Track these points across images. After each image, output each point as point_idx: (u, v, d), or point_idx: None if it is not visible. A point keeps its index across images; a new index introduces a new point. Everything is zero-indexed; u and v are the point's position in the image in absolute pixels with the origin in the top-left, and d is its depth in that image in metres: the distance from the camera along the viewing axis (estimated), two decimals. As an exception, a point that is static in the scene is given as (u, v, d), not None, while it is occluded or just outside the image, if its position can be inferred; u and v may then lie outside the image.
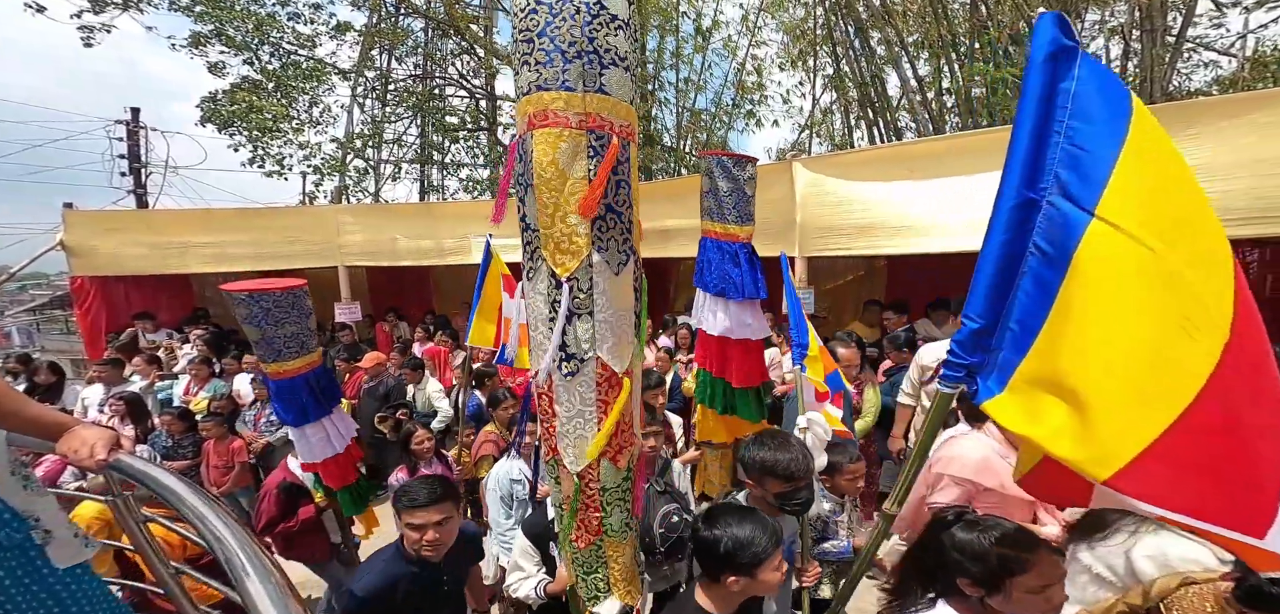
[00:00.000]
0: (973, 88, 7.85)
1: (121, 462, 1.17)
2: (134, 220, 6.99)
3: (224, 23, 9.48)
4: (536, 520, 1.85)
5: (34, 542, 1.11)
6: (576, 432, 1.14)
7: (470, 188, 12.62)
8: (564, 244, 1.04)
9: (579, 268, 1.05)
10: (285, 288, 2.26)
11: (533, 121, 0.98)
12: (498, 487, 2.44)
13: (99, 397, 4.10)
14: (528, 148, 1.00)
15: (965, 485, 1.82)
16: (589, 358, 1.10)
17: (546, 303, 1.09)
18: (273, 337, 2.23)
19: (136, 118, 10.77)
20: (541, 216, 1.03)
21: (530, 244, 1.08)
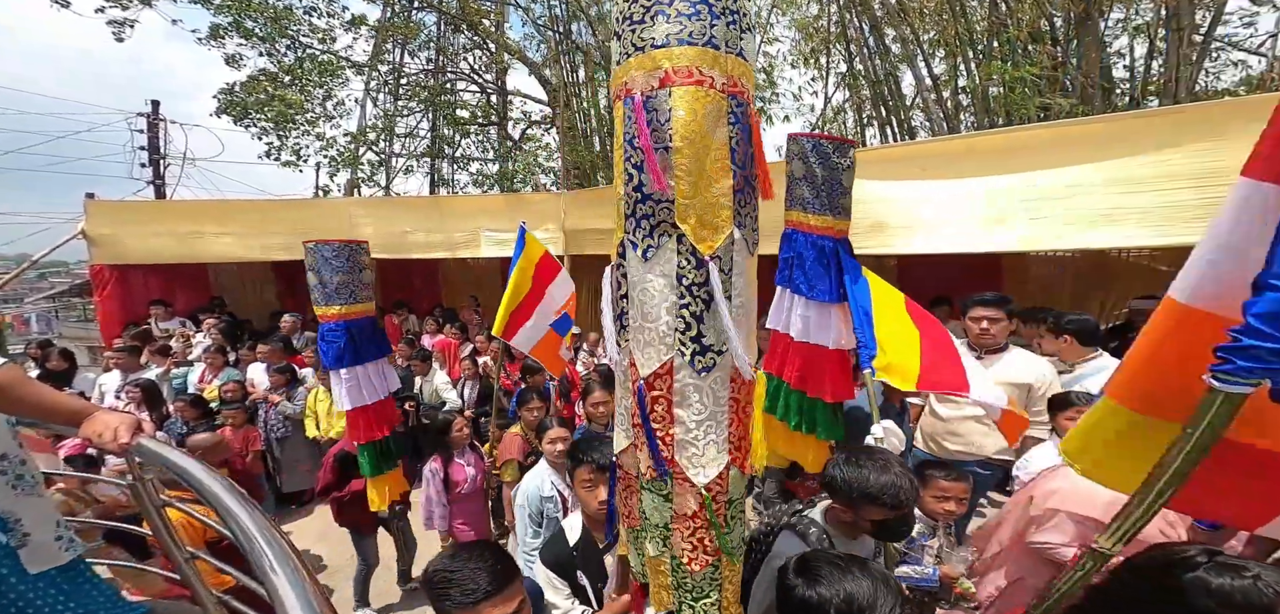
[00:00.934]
0: (990, 87, 7.69)
1: (144, 446, 1.18)
2: (152, 210, 7.14)
3: (242, 16, 9.63)
4: (558, 548, 1.66)
5: (3, 544, 1.10)
6: (707, 437, 0.98)
7: (480, 182, 12.69)
8: (708, 217, 0.92)
9: (722, 245, 0.93)
10: (343, 241, 2.59)
11: (672, 77, 0.88)
12: (527, 503, 2.30)
13: (116, 383, 4.20)
14: (661, 105, 0.88)
15: (1086, 524, 1.63)
16: (726, 350, 0.96)
17: (671, 285, 0.94)
18: (326, 281, 2.54)
19: (156, 111, 11.00)
20: (681, 184, 0.90)
21: (650, 217, 0.94)
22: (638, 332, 0.99)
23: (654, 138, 0.89)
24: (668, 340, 0.96)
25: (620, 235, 1.00)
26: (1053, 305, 4.85)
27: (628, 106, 0.92)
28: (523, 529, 2.33)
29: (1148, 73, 7.57)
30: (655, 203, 0.93)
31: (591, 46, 11.06)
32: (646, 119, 0.89)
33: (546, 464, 2.37)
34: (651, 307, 0.97)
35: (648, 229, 0.95)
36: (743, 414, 1.03)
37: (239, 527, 1.09)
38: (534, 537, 2.28)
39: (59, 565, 1.21)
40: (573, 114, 10.90)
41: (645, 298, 0.97)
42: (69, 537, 1.26)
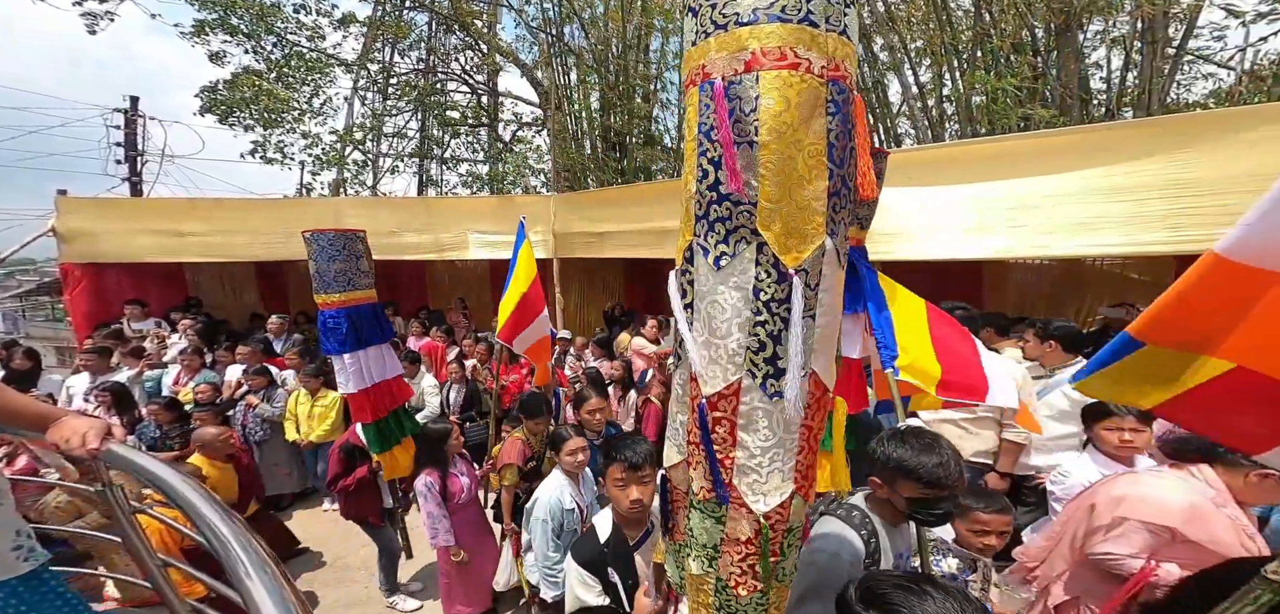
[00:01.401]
0: (973, 96, 7.85)
1: (113, 451, 1.14)
2: (128, 208, 6.93)
3: (227, 12, 9.43)
4: (589, 546, 1.66)
5: None
6: (772, 465, 0.89)
7: (470, 183, 12.58)
8: (796, 224, 0.79)
9: (810, 257, 0.80)
10: (340, 230, 2.69)
11: (759, 60, 0.74)
12: (549, 516, 2.23)
13: (85, 385, 4.06)
14: (745, 93, 0.75)
15: (1160, 534, 1.56)
16: (805, 373, 0.86)
17: (746, 299, 0.83)
18: (324, 270, 2.62)
19: (135, 106, 10.70)
20: (766, 185, 0.78)
21: (725, 220, 0.82)
22: (703, 346, 0.90)
23: (736, 130, 0.77)
24: (737, 359, 0.85)
25: (688, 238, 0.89)
26: (1031, 312, 4.96)
27: (704, 93, 0.79)
28: (544, 543, 2.24)
29: (1123, 84, 7.79)
30: (733, 205, 0.81)
31: (584, 49, 11.05)
32: (728, 109, 0.76)
33: (563, 475, 2.32)
34: (721, 321, 0.86)
35: (722, 234, 0.83)
36: (812, 442, 0.93)
37: (213, 533, 1.05)
38: (555, 549, 2.24)
39: (18, 575, 1.16)
40: (564, 117, 10.86)
41: (714, 311, 0.86)
42: (29, 546, 1.22)
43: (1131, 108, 7.40)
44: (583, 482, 2.43)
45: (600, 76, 10.81)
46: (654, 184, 9.18)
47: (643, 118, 10.86)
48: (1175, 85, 7.72)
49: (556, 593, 2.23)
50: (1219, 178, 2.69)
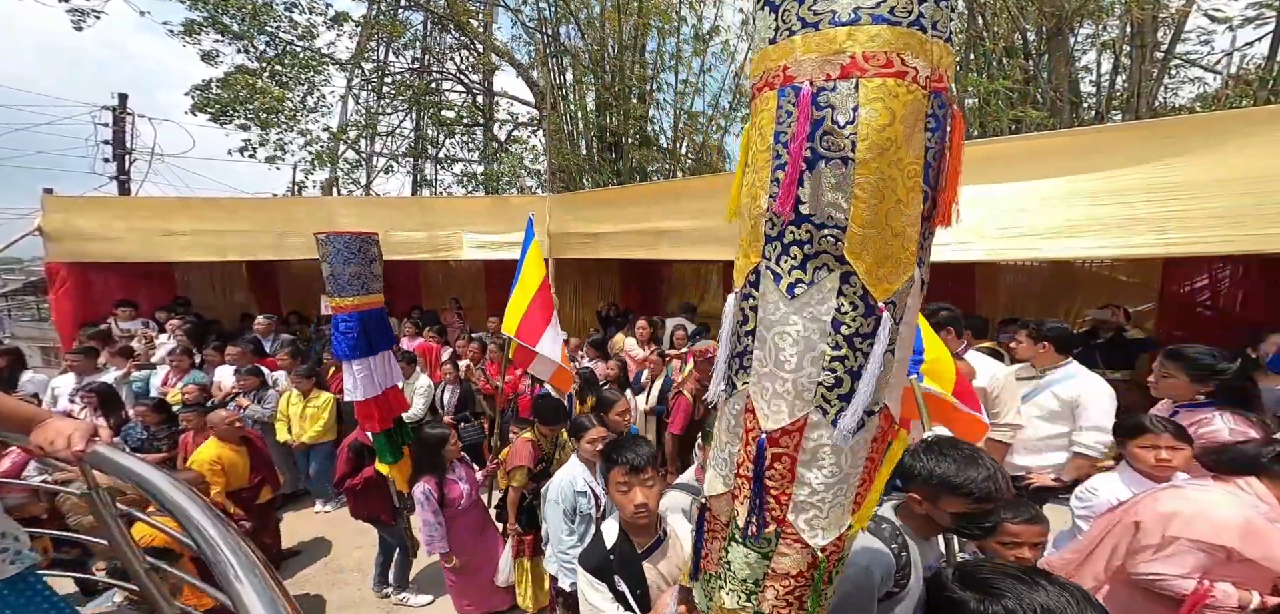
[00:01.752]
0: (966, 98, 7.93)
1: (99, 453, 1.12)
2: (116, 206, 6.83)
3: (219, 11, 9.33)
4: (596, 553, 1.61)
5: None
6: (834, 501, 0.85)
7: (464, 183, 12.53)
8: (890, 251, 0.72)
9: (901, 288, 0.74)
10: (356, 233, 2.62)
11: (861, 65, 0.65)
12: (561, 498, 2.26)
13: (70, 386, 3.99)
14: (841, 102, 0.66)
15: (1215, 553, 1.50)
16: (877, 412, 0.81)
17: (824, 332, 0.76)
18: (339, 273, 2.57)
19: (124, 104, 10.56)
20: (860, 207, 0.69)
21: (804, 243, 0.74)
22: (766, 378, 0.82)
23: (824, 145, 0.68)
24: (806, 395, 0.78)
25: (754, 261, 0.81)
26: (1022, 313, 5.01)
27: (783, 98, 0.71)
28: (557, 528, 2.27)
29: (1113, 87, 7.90)
30: (816, 228, 0.72)
31: (580, 49, 11.04)
32: (815, 120, 0.68)
33: (578, 460, 2.34)
34: (790, 354, 0.78)
35: (799, 259, 0.75)
36: (874, 474, 0.89)
37: (202, 535, 1.04)
38: (570, 534, 2.25)
39: (5, 578, 1.15)
40: (560, 117, 10.85)
41: (783, 343, 0.79)
42: (15, 549, 1.20)
43: (1121, 111, 7.50)
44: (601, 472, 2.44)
45: (596, 77, 10.81)
46: (650, 185, 9.19)
47: (639, 118, 10.87)
48: (1163, 89, 7.83)
49: (572, 578, 2.21)
50: (1207, 181, 2.73)
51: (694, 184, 6.60)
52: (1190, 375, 2.25)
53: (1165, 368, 2.33)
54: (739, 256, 0.86)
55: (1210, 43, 7.48)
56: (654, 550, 1.60)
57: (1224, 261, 4.32)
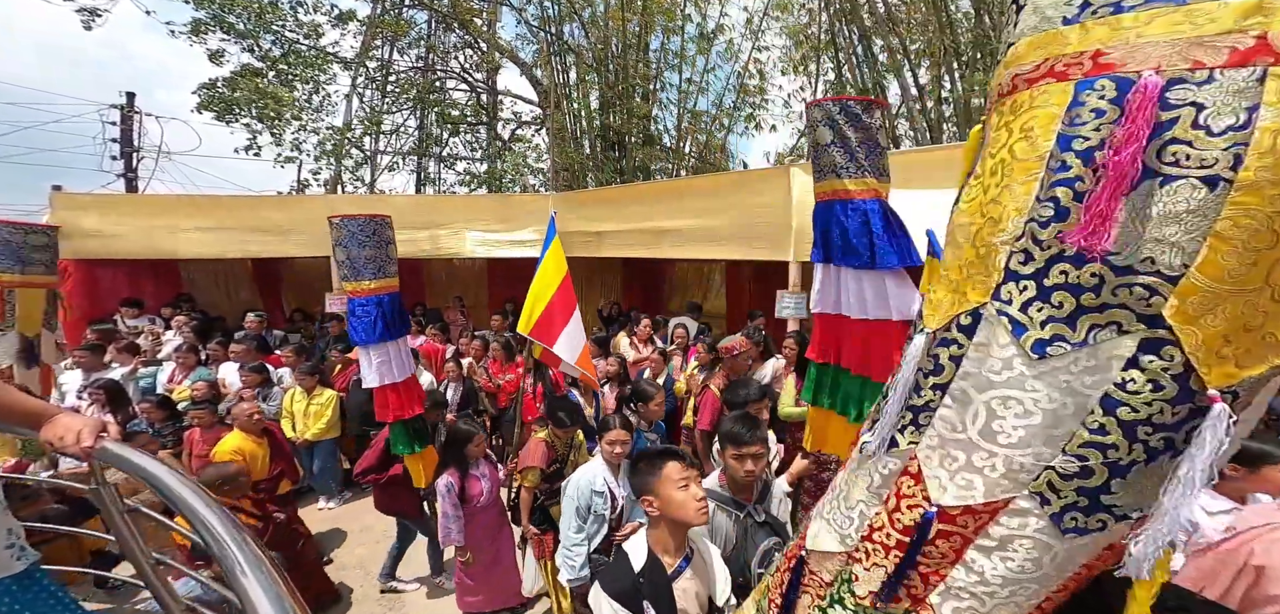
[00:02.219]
0: (973, 98, 7.87)
1: (107, 449, 1.13)
2: (123, 204, 6.89)
3: (225, 10, 9.39)
4: (621, 576, 1.43)
5: None
6: (1009, 598, 0.68)
7: (468, 182, 12.57)
8: (1251, 321, 0.51)
9: (1260, 374, 0.53)
10: (369, 215, 2.61)
11: (1271, 49, 0.46)
12: (578, 495, 2.24)
13: (77, 383, 4.02)
14: (1217, 101, 0.48)
15: None
16: (1130, 517, 0.63)
17: (1080, 411, 0.58)
18: (355, 257, 2.54)
19: (131, 102, 10.65)
20: (1220, 252, 0.49)
21: (1074, 289, 0.56)
22: (956, 446, 0.66)
23: (1171, 158, 0.49)
24: (1021, 477, 0.62)
25: (973, 299, 0.63)
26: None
27: (1086, 93, 0.53)
28: (568, 521, 2.25)
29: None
30: (1120, 271, 0.52)
31: (583, 48, 11.04)
32: (1158, 124, 0.49)
33: (602, 460, 2.33)
34: (1015, 426, 0.61)
35: (1068, 310, 0.56)
36: (1076, 586, 0.70)
37: (208, 531, 1.04)
38: (577, 531, 2.23)
39: (12, 574, 1.16)
40: (563, 115, 10.85)
41: (1005, 410, 0.61)
42: (20, 546, 1.21)
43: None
44: (624, 473, 2.37)
45: (600, 75, 10.81)
46: (653, 184, 9.18)
47: (642, 117, 10.86)
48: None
49: (571, 575, 2.19)
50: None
51: (697, 183, 6.58)
52: None
53: None
54: (940, 288, 0.69)
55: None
56: (683, 570, 1.46)
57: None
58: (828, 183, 1.77)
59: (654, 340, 5.13)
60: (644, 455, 1.52)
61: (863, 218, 1.71)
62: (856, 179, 1.72)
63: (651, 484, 1.43)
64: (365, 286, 2.54)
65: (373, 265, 2.56)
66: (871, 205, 1.73)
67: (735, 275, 6.79)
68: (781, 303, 4.26)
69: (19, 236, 2.49)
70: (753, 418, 1.84)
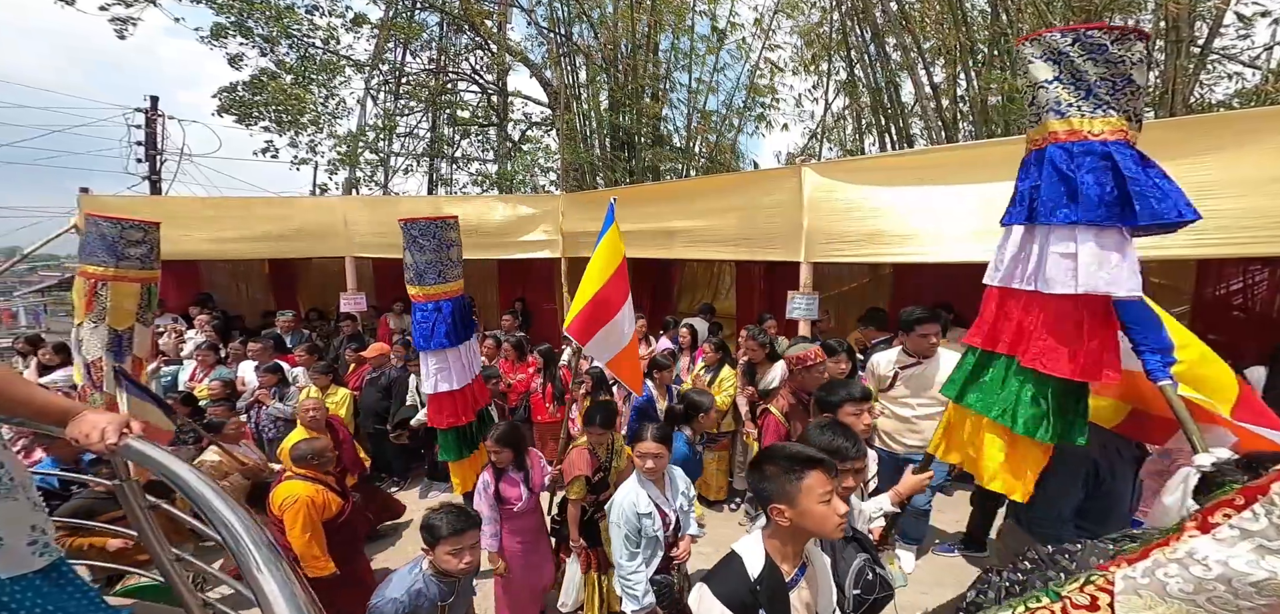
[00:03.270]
0: (989, 96, 7.72)
1: (130, 446, 1.15)
2: (147, 206, 7.09)
3: (245, 15, 9.61)
4: (734, 581, 1.32)
5: None
6: None
7: (479, 182, 12.69)
8: None
9: None
10: (432, 218, 2.52)
11: None
12: (623, 522, 2.07)
13: (105, 379, 4.14)
14: None
15: None
16: None
17: None
18: (417, 261, 2.48)
19: (155, 106, 10.95)
20: None
21: None
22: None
23: None
24: None
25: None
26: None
27: None
28: (619, 550, 2.08)
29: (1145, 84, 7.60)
30: None
31: (593, 48, 11.07)
32: None
33: (639, 478, 2.15)
34: None
35: None
36: None
37: (226, 528, 1.06)
38: (630, 558, 2.06)
39: (36, 570, 1.18)
40: (573, 116, 10.90)
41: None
42: (45, 541, 1.23)
43: (1154, 108, 7.23)
44: (669, 484, 2.23)
45: (609, 76, 10.83)
46: (663, 184, 9.16)
47: (652, 117, 10.85)
48: (1198, 85, 7.52)
49: (635, 607, 2.05)
50: (1245, 180, 2.61)
51: (708, 183, 6.56)
52: None
53: None
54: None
55: (1249, 36, 7.16)
56: (800, 578, 1.35)
57: (1262, 263, 4.13)
58: (1046, 125, 1.41)
59: (649, 339, 5.12)
60: (779, 457, 1.34)
61: (1105, 162, 1.31)
62: (1099, 118, 1.34)
63: (788, 492, 1.28)
64: (425, 290, 2.49)
65: (434, 269, 2.50)
66: (1120, 148, 1.34)
67: (746, 276, 6.75)
68: (792, 304, 4.23)
69: (115, 231, 2.55)
70: (850, 429, 1.63)
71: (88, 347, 2.57)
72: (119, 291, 2.57)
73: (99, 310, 2.52)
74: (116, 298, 2.56)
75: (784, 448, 1.37)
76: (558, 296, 6.84)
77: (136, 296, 2.67)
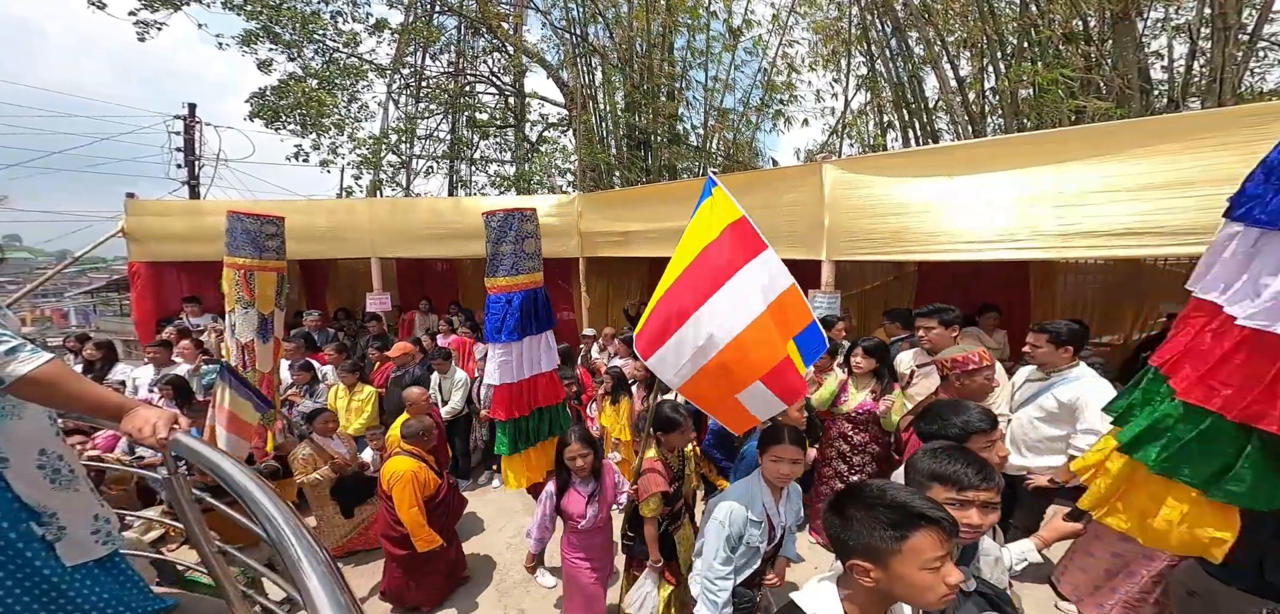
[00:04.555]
0: (1019, 89, 7.45)
1: (179, 441, 1.20)
2: (187, 209, 7.42)
3: (273, 21, 9.95)
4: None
5: (36, 536, 1.15)
6: None
7: (497, 184, 12.88)
8: None
9: None
10: (509, 210, 2.51)
11: None
12: (729, 520, 1.89)
13: (150, 377, 4.36)
14: None
15: None
16: None
17: None
18: (494, 253, 2.49)
19: (193, 113, 11.44)
20: None
21: None
22: None
23: None
24: None
25: None
26: (1080, 314, 4.66)
27: None
28: (713, 551, 1.89)
29: (1189, 74, 7.23)
30: None
31: (608, 49, 11.11)
32: None
33: (762, 481, 1.96)
34: None
35: None
36: None
37: (271, 524, 1.09)
38: (724, 562, 1.88)
39: (96, 558, 1.25)
40: (589, 116, 10.95)
41: None
42: (106, 531, 1.30)
43: (1199, 99, 6.87)
44: (786, 496, 2.06)
45: (625, 75, 10.84)
46: (679, 184, 9.13)
47: (668, 116, 10.83)
48: (1249, 73, 7.11)
49: (712, 609, 1.88)
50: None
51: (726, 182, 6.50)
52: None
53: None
54: None
55: (1306, 19, 6.73)
56: None
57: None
58: None
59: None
60: (875, 503, 1.01)
61: None
62: None
63: (879, 550, 0.98)
64: (498, 282, 2.49)
65: (507, 261, 2.48)
66: None
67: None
68: (813, 303, 4.16)
69: (257, 226, 2.81)
70: (974, 455, 1.29)
71: (241, 330, 2.84)
72: (262, 280, 2.84)
73: (252, 298, 2.79)
74: (261, 286, 2.83)
75: (883, 490, 1.04)
76: (575, 296, 6.89)
77: (275, 284, 2.94)
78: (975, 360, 2.29)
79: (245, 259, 2.82)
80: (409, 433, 2.96)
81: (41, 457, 1.19)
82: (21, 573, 1.13)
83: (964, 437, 1.65)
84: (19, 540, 1.13)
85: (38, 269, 18.08)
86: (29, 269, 21.76)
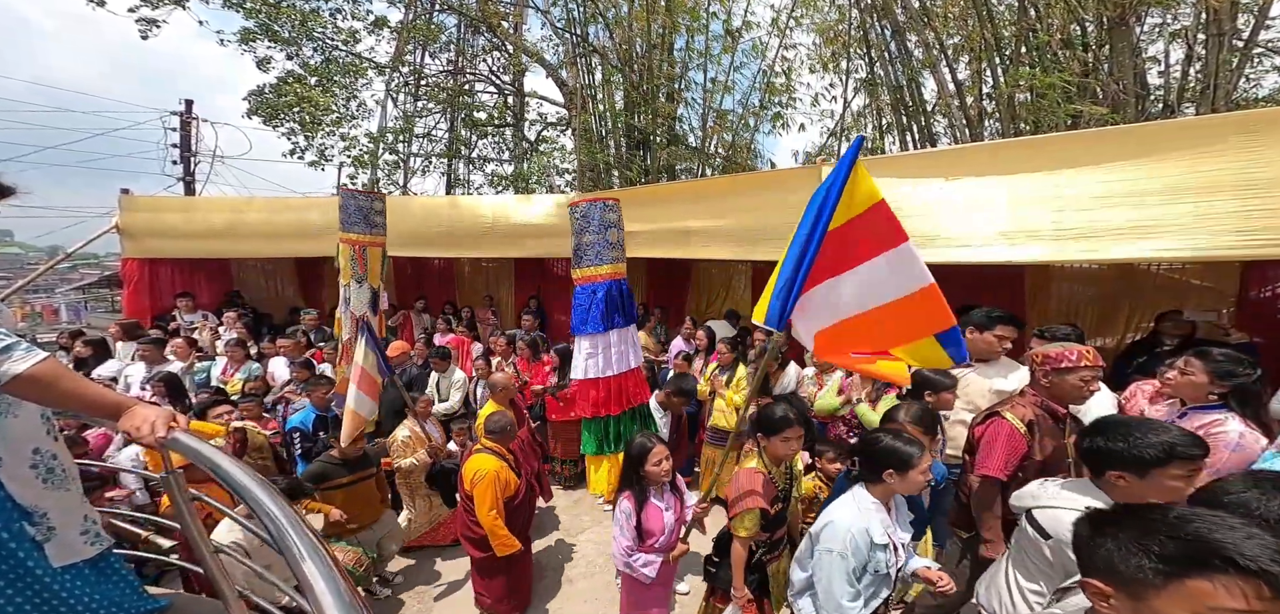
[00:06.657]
0: (1017, 93, 7.49)
1: (177, 439, 1.20)
2: (182, 206, 7.36)
3: (272, 19, 9.89)
4: None
5: (27, 536, 1.13)
6: None
7: (495, 183, 12.84)
8: None
9: None
10: (592, 199, 2.49)
11: None
12: (850, 551, 1.58)
13: (142, 374, 4.32)
14: None
15: None
16: None
17: None
18: (578, 244, 2.46)
19: (190, 109, 11.37)
20: None
21: None
22: None
23: None
24: None
25: None
26: (1076, 319, 4.69)
27: None
28: (837, 589, 1.58)
29: (1185, 79, 7.29)
30: None
31: (608, 49, 11.10)
32: None
33: (868, 497, 1.69)
34: None
35: None
36: None
37: (269, 517, 1.08)
38: (853, 598, 1.58)
39: (87, 559, 1.24)
40: (588, 116, 10.94)
41: None
42: (96, 531, 1.29)
43: (1194, 104, 6.92)
44: (896, 508, 1.77)
45: (624, 76, 10.84)
46: (679, 184, 9.13)
47: (667, 117, 10.83)
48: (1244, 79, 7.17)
49: None
50: None
51: (724, 183, 6.51)
52: (1211, 375, 2.18)
53: (1189, 367, 2.29)
54: None
55: (1300, 27, 6.79)
56: None
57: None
58: None
59: (656, 337, 5.11)
60: (1153, 525, 0.79)
61: None
62: None
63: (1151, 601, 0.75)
64: (582, 273, 2.43)
65: (592, 251, 2.42)
66: None
67: (761, 277, 6.69)
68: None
69: (366, 203, 2.88)
70: None
71: (355, 302, 2.94)
72: (372, 255, 2.93)
73: (364, 272, 2.87)
74: (372, 261, 2.91)
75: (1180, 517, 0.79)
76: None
77: (381, 259, 3.02)
78: (1071, 358, 1.98)
79: (358, 235, 2.89)
80: (493, 428, 2.66)
81: (35, 456, 1.18)
82: (14, 573, 1.11)
83: (1165, 460, 1.27)
84: (11, 540, 1.11)
85: (29, 264, 17.90)
86: (20, 264, 21.57)
